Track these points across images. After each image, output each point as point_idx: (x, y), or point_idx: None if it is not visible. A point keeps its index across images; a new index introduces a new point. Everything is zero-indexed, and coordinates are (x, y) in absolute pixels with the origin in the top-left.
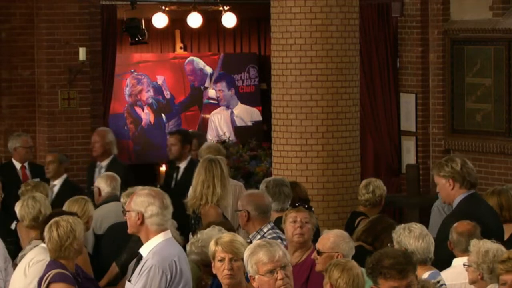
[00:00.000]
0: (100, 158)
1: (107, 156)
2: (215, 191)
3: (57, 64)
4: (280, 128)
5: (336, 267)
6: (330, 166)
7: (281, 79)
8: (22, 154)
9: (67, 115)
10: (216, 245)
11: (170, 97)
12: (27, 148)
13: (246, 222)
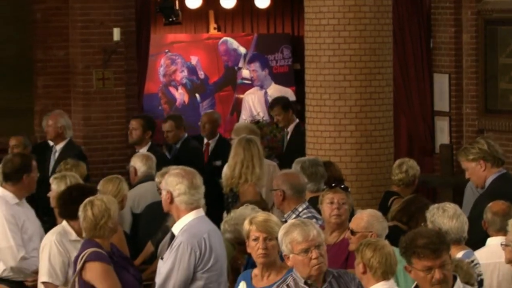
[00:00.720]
0: (54, 141)
1: (61, 139)
2: (254, 170)
3: (91, 45)
4: (314, 108)
5: (367, 247)
6: (364, 146)
7: (315, 59)
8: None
9: (102, 95)
10: (250, 225)
11: (204, 77)
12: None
13: (281, 201)
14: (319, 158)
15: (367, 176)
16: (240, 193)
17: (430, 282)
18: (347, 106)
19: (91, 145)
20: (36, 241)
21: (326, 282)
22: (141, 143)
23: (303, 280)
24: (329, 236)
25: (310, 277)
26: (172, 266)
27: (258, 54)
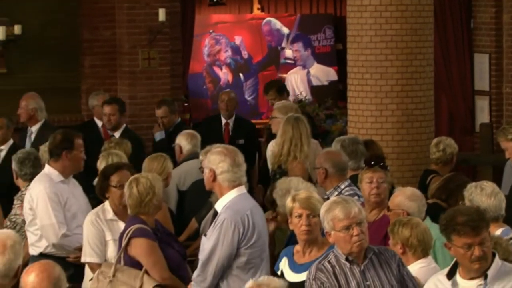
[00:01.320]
0: (29, 123)
1: (35, 121)
2: (303, 148)
3: (137, 25)
4: (356, 88)
5: (403, 226)
6: (405, 125)
7: (357, 39)
8: (99, 112)
9: (147, 74)
10: (293, 202)
11: (247, 57)
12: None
13: (323, 179)
14: (359, 137)
15: (408, 155)
16: (289, 170)
17: (469, 259)
18: (388, 86)
19: (137, 123)
20: (81, 218)
21: (367, 258)
22: (118, 126)
23: (344, 256)
24: (369, 214)
25: (351, 253)
26: (216, 243)
27: (301, 34)
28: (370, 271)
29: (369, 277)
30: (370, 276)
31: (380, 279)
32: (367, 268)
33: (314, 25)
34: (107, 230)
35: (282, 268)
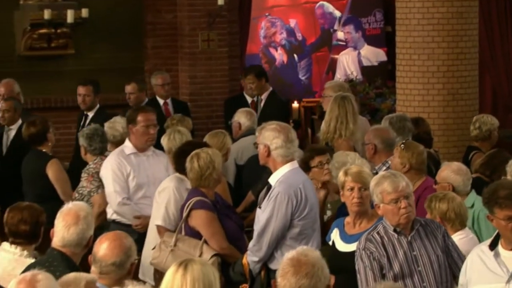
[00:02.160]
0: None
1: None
2: (348, 126)
3: (197, 8)
4: (404, 68)
5: (440, 201)
6: (450, 103)
7: (405, 22)
8: (160, 91)
9: (207, 55)
10: (345, 175)
11: (301, 39)
12: (164, 85)
13: (372, 154)
14: (407, 114)
15: (453, 131)
16: (335, 147)
17: (510, 231)
18: (435, 66)
19: (196, 101)
20: (151, 189)
21: (414, 230)
22: (93, 107)
23: (392, 228)
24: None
25: (398, 225)
26: (270, 215)
27: (352, 17)
28: (417, 242)
29: (415, 247)
30: (417, 246)
31: (426, 249)
32: (414, 238)
33: (364, 8)
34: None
35: (334, 238)
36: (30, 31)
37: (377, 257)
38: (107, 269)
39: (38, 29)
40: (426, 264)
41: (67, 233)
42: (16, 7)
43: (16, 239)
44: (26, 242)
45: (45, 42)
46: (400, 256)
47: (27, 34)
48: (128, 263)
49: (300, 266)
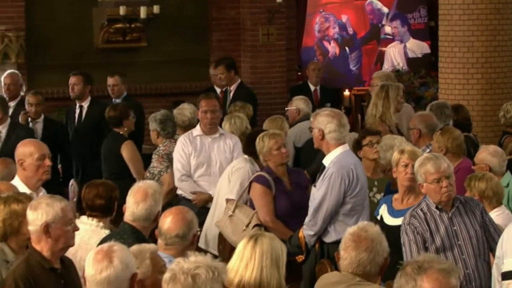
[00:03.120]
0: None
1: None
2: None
3: (258, 5)
4: (446, 59)
5: (479, 180)
6: (488, 92)
7: (447, 17)
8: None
9: (266, 48)
10: (401, 153)
11: (352, 33)
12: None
13: (417, 138)
14: (447, 102)
15: (491, 117)
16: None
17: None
18: (474, 58)
19: (257, 89)
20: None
21: (454, 207)
22: (82, 97)
23: (435, 205)
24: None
25: (440, 202)
26: (325, 193)
27: (398, 13)
28: (457, 218)
29: (455, 222)
30: (457, 222)
31: (466, 225)
32: (454, 215)
33: (410, 5)
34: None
35: (382, 213)
36: (107, 26)
37: (420, 231)
38: (172, 241)
39: (114, 24)
40: (465, 238)
41: (136, 208)
42: (94, 4)
43: (92, 212)
44: (101, 215)
45: (120, 36)
46: (441, 231)
47: (104, 29)
48: (191, 234)
49: (360, 241)
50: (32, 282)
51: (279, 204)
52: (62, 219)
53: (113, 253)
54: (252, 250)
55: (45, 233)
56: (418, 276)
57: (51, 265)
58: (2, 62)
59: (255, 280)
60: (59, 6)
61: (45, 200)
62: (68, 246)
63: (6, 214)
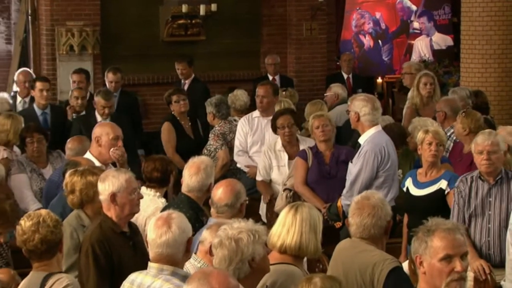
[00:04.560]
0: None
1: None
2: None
3: (302, 3)
4: (467, 51)
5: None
6: (504, 79)
7: (468, 14)
8: (270, 69)
9: (309, 41)
10: (426, 133)
11: (385, 28)
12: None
13: (443, 120)
14: (469, 88)
15: (507, 102)
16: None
17: None
18: (492, 50)
19: (301, 77)
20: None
21: (497, 179)
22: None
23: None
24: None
25: (481, 173)
26: (360, 168)
27: (425, 10)
28: (495, 189)
29: (493, 194)
30: (494, 193)
31: (501, 197)
32: (494, 186)
33: (436, 3)
34: (274, 158)
35: (408, 185)
36: (171, 22)
37: (463, 195)
38: (222, 209)
39: (177, 20)
40: (497, 209)
41: (190, 181)
42: (160, 3)
43: (150, 183)
44: (158, 186)
45: (183, 31)
46: (478, 199)
47: (168, 24)
48: (238, 203)
49: (363, 208)
50: (106, 244)
51: (310, 173)
52: (127, 189)
53: (171, 220)
54: (293, 217)
55: (112, 201)
56: (428, 238)
57: (121, 229)
58: (80, 53)
59: (296, 243)
60: (130, 5)
61: (112, 172)
62: (134, 212)
63: (83, 185)
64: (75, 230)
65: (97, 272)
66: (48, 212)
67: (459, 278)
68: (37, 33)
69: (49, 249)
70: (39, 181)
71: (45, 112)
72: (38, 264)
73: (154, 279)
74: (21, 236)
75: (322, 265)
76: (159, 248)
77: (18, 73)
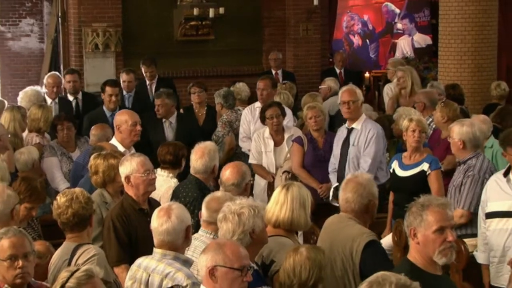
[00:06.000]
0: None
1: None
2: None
3: (299, 7)
4: (444, 49)
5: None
6: (477, 74)
7: (445, 16)
8: (272, 64)
9: (305, 40)
10: (411, 121)
11: (372, 28)
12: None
13: (422, 110)
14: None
15: (479, 94)
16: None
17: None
18: (466, 48)
19: (298, 72)
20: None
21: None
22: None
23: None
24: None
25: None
26: (376, 149)
27: (407, 13)
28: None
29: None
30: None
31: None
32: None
33: (417, 7)
34: (262, 144)
35: (394, 167)
36: (184, 23)
37: None
38: (229, 188)
39: (189, 21)
40: None
41: (196, 164)
42: (174, 7)
43: (164, 165)
44: (171, 167)
45: (194, 31)
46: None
47: (182, 25)
48: (243, 183)
49: (349, 184)
50: (125, 219)
51: (307, 157)
52: (138, 171)
53: (171, 210)
54: (285, 196)
55: (127, 182)
56: (423, 212)
57: (139, 206)
58: (104, 50)
59: (288, 219)
60: (148, 8)
61: (128, 157)
62: (149, 191)
63: (105, 167)
64: (98, 206)
65: (117, 243)
66: (81, 190)
67: (451, 246)
68: (66, 33)
69: (80, 222)
70: (68, 164)
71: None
72: (71, 235)
73: (158, 263)
74: (56, 210)
75: (316, 237)
76: (161, 235)
77: (48, 76)
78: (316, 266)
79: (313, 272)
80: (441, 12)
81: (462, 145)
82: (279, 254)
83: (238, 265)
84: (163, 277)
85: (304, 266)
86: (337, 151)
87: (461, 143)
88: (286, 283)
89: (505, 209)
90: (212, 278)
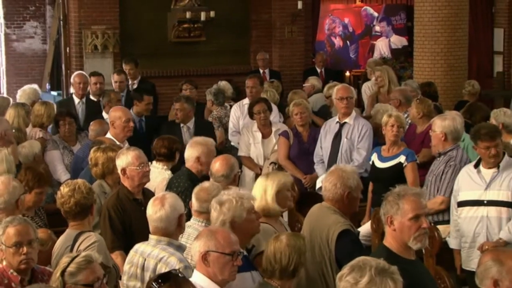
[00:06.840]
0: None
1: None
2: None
3: (285, 11)
4: (419, 50)
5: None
6: (449, 73)
7: (420, 19)
8: (260, 64)
9: (290, 41)
10: (389, 117)
11: (352, 31)
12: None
13: (398, 106)
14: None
15: (451, 91)
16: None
17: (488, 156)
18: (439, 48)
19: (283, 71)
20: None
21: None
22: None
23: None
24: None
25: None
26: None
27: (385, 17)
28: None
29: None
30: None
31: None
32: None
33: (393, 10)
34: (251, 137)
35: (373, 159)
36: (177, 26)
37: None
38: (219, 179)
39: (182, 24)
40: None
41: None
42: (168, 10)
43: (159, 157)
44: (165, 160)
45: (187, 33)
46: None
47: (175, 28)
48: (232, 174)
49: (329, 175)
50: (120, 209)
51: (292, 150)
52: (133, 164)
53: (165, 199)
54: (265, 182)
55: (123, 174)
56: (399, 201)
57: (134, 196)
58: (103, 51)
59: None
60: (144, 11)
61: (124, 150)
62: (143, 182)
63: (104, 159)
64: (98, 196)
65: (111, 232)
66: (83, 181)
67: (425, 233)
68: (67, 35)
69: (81, 211)
70: (70, 157)
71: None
72: (73, 223)
73: (153, 248)
74: (59, 199)
75: (300, 225)
76: (155, 222)
77: (74, 75)
78: (295, 252)
79: (292, 258)
80: (416, 15)
81: (444, 137)
82: (259, 239)
83: (229, 250)
84: (158, 261)
85: (284, 252)
86: (327, 144)
87: (443, 135)
88: (269, 269)
89: (475, 198)
90: (204, 263)
